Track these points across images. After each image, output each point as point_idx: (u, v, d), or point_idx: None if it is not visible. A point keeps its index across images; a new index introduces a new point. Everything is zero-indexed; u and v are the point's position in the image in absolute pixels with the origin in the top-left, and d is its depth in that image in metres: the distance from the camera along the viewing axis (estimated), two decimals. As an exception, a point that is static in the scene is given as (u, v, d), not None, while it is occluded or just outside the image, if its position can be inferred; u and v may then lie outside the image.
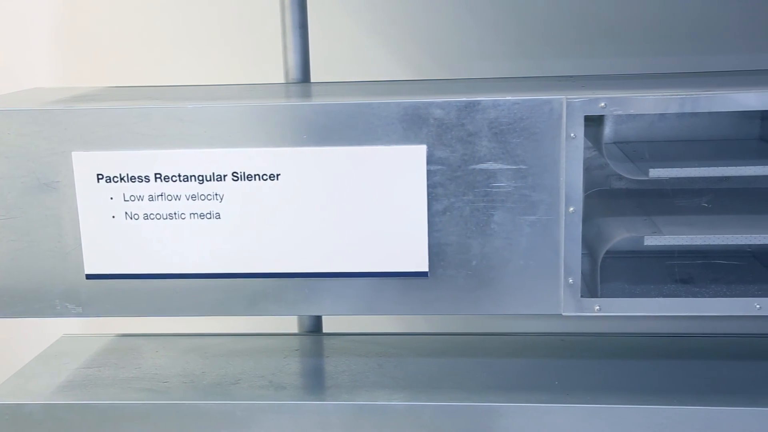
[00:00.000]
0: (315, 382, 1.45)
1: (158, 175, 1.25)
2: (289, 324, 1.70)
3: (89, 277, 1.29)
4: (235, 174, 1.24)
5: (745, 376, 1.37)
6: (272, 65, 1.67)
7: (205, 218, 1.26)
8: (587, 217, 1.33)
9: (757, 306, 1.25)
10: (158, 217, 1.26)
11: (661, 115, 1.50)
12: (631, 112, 1.21)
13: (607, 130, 1.52)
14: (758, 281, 1.36)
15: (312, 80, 1.61)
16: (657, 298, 1.28)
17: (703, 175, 1.25)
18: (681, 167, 1.24)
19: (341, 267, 1.28)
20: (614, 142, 1.52)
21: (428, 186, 1.23)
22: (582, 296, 1.26)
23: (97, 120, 1.25)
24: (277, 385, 1.40)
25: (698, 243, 1.25)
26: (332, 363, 1.50)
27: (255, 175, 1.24)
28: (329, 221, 1.25)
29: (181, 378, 1.44)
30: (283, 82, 1.60)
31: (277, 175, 1.24)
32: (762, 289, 1.31)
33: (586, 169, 1.49)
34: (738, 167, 1.24)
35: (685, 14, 1.72)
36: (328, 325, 1.71)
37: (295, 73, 1.58)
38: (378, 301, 1.29)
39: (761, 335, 1.55)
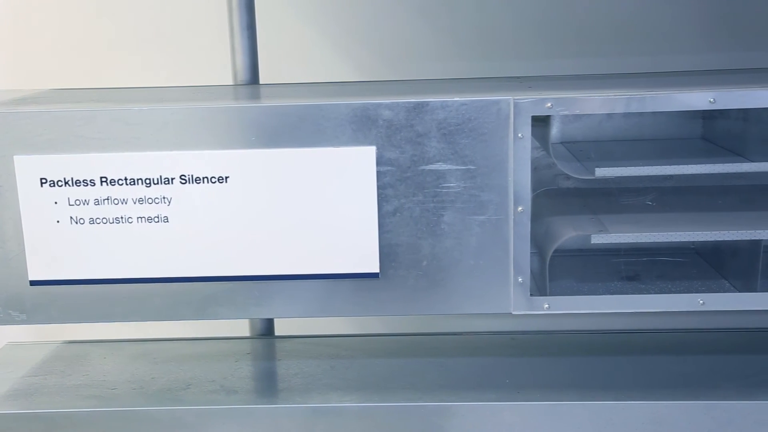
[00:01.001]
0: (267, 385, 1.45)
1: (104, 179, 1.23)
2: (241, 327, 1.68)
3: (33, 283, 1.27)
4: (183, 177, 1.23)
5: (690, 371, 1.40)
6: (220, 67, 1.66)
7: (153, 222, 1.24)
8: (536, 217, 1.35)
9: (701, 301, 1.27)
10: (104, 221, 1.24)
11: (608, 115, 1.53)
12: (577, 112, 1.22)
13: (555, 130, 1.54)
14: (701, 277, 1.39)
15: (260, 82, 1.60)
16: (604, 296, 1.30)
17: (647, 174, 1.28)
18: (626, 166, 1.26)
19: (292, 269, 1.27)
20: (561, 142, 1.54)
21: (378, 187, 1.23)
22: (531, 295, 1.28)
23: (40, 123, 1.22)
24: (228, 390, 1.39)
25: (643, 241, 1.27)
26: (284, 366, 1.49)
27: (203, 178, 1.23)
28: (279, 224, 1.24)
29: (130, 384, 1.42)
30: (231, 83, 1.58)
31: (226, 177, 1.23)
32: (705, 285, 1.34)
33: (535, 169, 1.50)
34: (681, 166, 1.27)
35: (630, 16, 1.75)
36: (280, 327, 1.70)
37: (243, 75, 1.57)
38: (330, 302, 1.29)
39: (705, 330, 1.58)
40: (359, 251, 1.26)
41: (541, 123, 1.34)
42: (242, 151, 1.22)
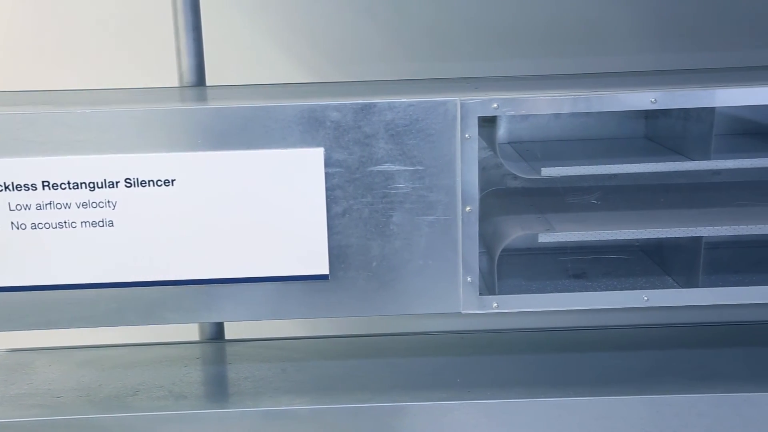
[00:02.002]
0: (217, 389, 1.43)
1: (46, 183, 1.20)
2: (190, 332, 1.67)
3: (-26, 290, 1.24)
4: (128, 180, 1.21)
5: (635, 366, 1.43)
6: (166, 69, 1.64)
7: (98, 226, 1.22)
8: (484, 216, 1.36)
9: (645, 298, 1.30)
10: (47, 226, 1.22)
11: (555, 115, 1.55)
12: (523, 112, 1.24)
13: (502, 131, 1.56)
14: (646, 274, 1.41)
15: (207, 84, 1.58)
16: (552, 294, 1.32)
17: (592, 173, 1.30)
18: (571, 166, 1.28)
19: (241, 272, 1.26)
20: (509, 142, 1.56)
21: (327, 189, 1.23)
22: (480, 294, 1.29)
23: (-21, 126, 1.19)
24: (177, 395, 1.37)
25: (589, 239, 1.29)
26: (235, 370, 1.48)
27: (149, 181, 1.21)
28: (227, 226, 1.23)
29: (76, 392, 1.39)
30: (177, 85, 1.57)
31: (172, 180, 1.21)
32: (649, 282, 1.37)
33: (483, 169, 1.52)
34: (625, 165, 1.29)
35: (576, 17, 1.77)
36: (231, 331, 1.69)
37: (189, 77, 1.55)
38: (280, 305, 1.28)
39: (650, 326, 1.61)
40: (308, 253, 1.25)
41: (488, 123, 1.36)
42: (189, 154, 1.21)
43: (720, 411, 1.32)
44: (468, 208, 1.25)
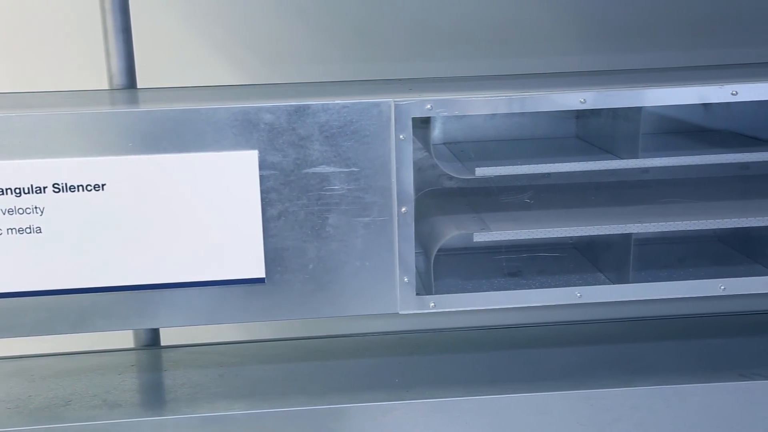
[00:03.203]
0: (153, 397, 1.41)
1: (-30, 189, 1.17)
2: (125, 339, 1.64)
3: None
4: (56, 185, 1.18)
5: (570, 362, 1.45)
6: (95, 71, 1.60)
7: (25, 233, 1.19)
8: (420, 217, 1.37)
9: (578, 294, 1.32)
10: (-28, 233, 1.18)
11: (489, 115, 1.57)
12: (457, 113, 1.25)
13: (437, 132, 1.57)
14: (579, 271, 1.44)
15: (138, 86, 1.56)
16: (488, 292, 1.33)
17: (525, 173, 1.31)
18: (505, 165, 1.30)
19: (176, 278, 1.24)
20: (444, 143, 1.57)
21: (261, 191, 1.22)
22: (418, 294, 1.29)
23: None
24: (111, 404, 1.34)
25: (523, 237, 1.31)
26: (171, 376, 1.46)
27: (78, 186, 1.18)
28: (160, 231, 1.21)
29: (4, 404, 1.35)
30: (107, 88, 1.54)
31: (102, 185, 1.19)
32: (582, 278, 1.40)
33: (418, 170, 1.53)
34: (556, 164, 1.31)
35: (506, 17, 1.80)
36: (167, 337, 1.66)
37: (119, 79, 1.52)
38: (216, 310, 1.27)
39: (584, 322, 1.64)
40: (244, 257, 1.24)
41: (423, 124, 1.37)
42: (119, 158, 1.18)
43: (652, 403, 1.36)
44: (404, 209, 1.26)
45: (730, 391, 1.36)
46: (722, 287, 1.33)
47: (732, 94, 1.25)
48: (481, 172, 1.28)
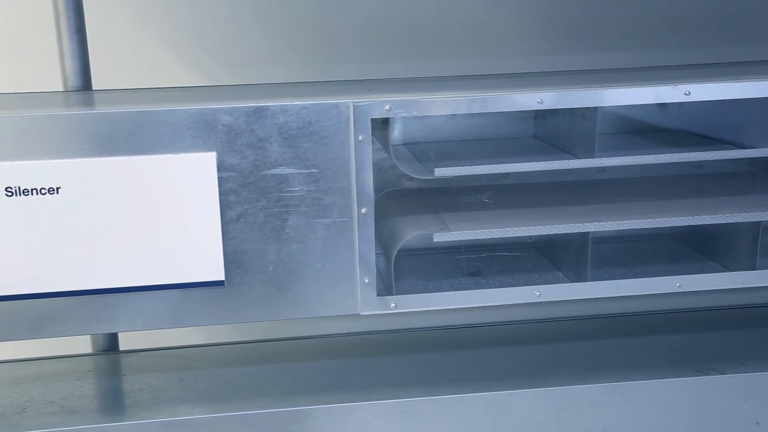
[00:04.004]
0: (111, 403, 1.39)
1: None
2: (83, 344, 1.61)
3: None
4: (8, 189, 1.16)
5: (531, 360, 1.47)
6: (49, 72, 1.58)
7: (-23, 238, 1.16)
8: (381, 218, 1.37)
9: (537, 293, 1.33)
10: None
11: (448, 116, 1.57)
12: (416, 114, 1.25)
13: (396, 132, 1.57)
14: (538, 270, 1.45)
15: (93, 88, 1.54)
16: (448, 292, 1.34)
17: (484, 173, 1.32)
18: (464, 166, 1.30)
19: (134, 281, 1.23)
20: (403, 144, 1.57)
21: (220, 193, 1.21)
22: (378, 295, 1.30)
23: None
24: (68, 410, 1.32)
25: (483, 237, 1.32)
26: (130, 381, 1.44)
27: (32, 190, 1.16)
28: (117, 235, 1.20)
29: (-41, 412, 1.33)
30: (61, 90, 1.51)
31: (57, 188, 1.17)
32: (541, 277, 1.41)
33: (379, 171, 1.53)
34: (514, 164, 1.32)
35: (466, 19, 1.81)
36: (126, 342, 1.64)
37: (74, 81, 1.50)
38: (175, 313, 1.26)
39: (544, 320, 1.66)
40: (203, 259, 1.23)
41: (383, 125, 1.37)
42: (74, 161, 1.17)
43: (610, 399, 1.38)
44: (363, 210, 1.26)
45: (686, 386, 1.39)
46: (678, 284, 1.35)
47: (685, 94, 1.27)
48: (441, 172, 1.28)
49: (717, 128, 1.48)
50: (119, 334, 1.63)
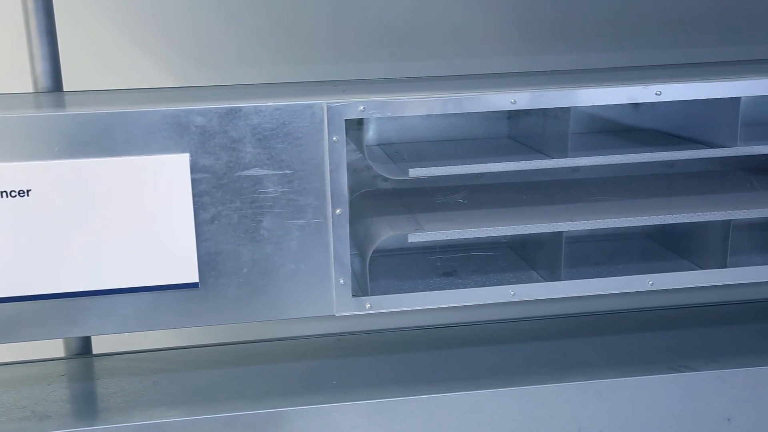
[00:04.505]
0: (84, 407, 1.38)
1: None
2: (56, 348, 1.59)
3: None
4: (-22, 192, 1.14)
5: (505, 359, 1.47)
6: (19, 74, 1.56)
7: (-54, 241, 1.15)
8: (356, 218, 1.37)
9: (512, 293, 1.34)
10: None
11: (423, 116, 1.58)
12: (390, 114, 1.25)
13: (371, 133, 1.57)
14: (513, 269, 1.46)
15: (64, 89, 1.52)
16: (424, 292, 1.34)
17: (458, 173, 1.33)
18: (438, 166, 1.31)
19: (107, 284, 1.22)
20: (378, 144, 1.57)
21: (194, 195, 1.21)
22: (354, 296, 1.30)
23: None
24: (40, 415, 1.31)
25: (457, 237, 1.32)
26: (103, 385, 1.42)
27: (2, 192, 1.15)
28: (89, 237, 1.19)
29: (-72, 419, 1.31)
30: (32, 91, 1.50)
31: (28, 191, 1.16)
32: (516, 277, 1.42)
33: (353, 171, 1.53)
34: (488, 164, 1.32)
35: (439, 19, 1.81)
36: (98, 345, 1.63)
37: (44, 82, 1.49)
38: (149, 316, 1.25)
39: (517, 320, 1.67)
40: (177, 261, 1.23)
41: (357, 126, 1.37)
42: (45, 163, 1.15)
43: (584, 398, 1.38)
44: (338, 211, 1.25)
45: (659, 384, 1.40)
46: (650, 282, 1.36)
47: (656, 94, 1.29)
48: (415, 172, 1.29)
49: (688, 128, 1.50)
50: (92, 338, 1.61)
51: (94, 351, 1.62)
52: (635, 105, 1.60)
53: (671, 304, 1.74)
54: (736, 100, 1.34)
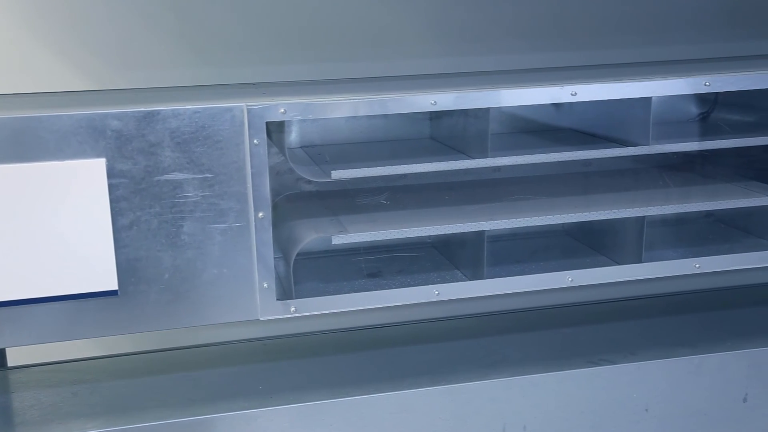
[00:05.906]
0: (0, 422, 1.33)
1: None
2: (-32, 362, 1.54)
3: None
4: None
5: (431, 359, 1.49)
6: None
7: None
8: (280, 221, 1.36)
9: (436, 292, 1.35)
10: None
11: (346, 118, 1.58)
12: (311, 117, 1.25)
13: (293, 135, 1.56)
14: (437, 269, 1.47)
15: (-26, 93, 1.47)
16: (349, 294, 1.34)
17: (381, 174, 1.33)
18: (360, 167, 1.31)
19: (21, 293, 1.18)
20: (300, 147, 1.57)
21: (111, 200, 1.18)
22: (278, 299, 1.29)
23: None
24: (-47, 432, 1.26)
25: (381, 238, 1.32)
26: (19, 398, 1.38)
27: None
28: (3, 245, 1.15)
29: None
30: (-62, 95, 1.44)
31: (-66, 199, 1.11)
32: (440, 276, 1.43)
33: (277, 174, 1.52)
34: (410, 165, 1.33)
35: (361, 20, 1.81)
36: (14, 357, 1.57)
37: (-48, 86, 1.43)
38: (67, 325, 1.22)
39: (442, 319, 1.68)
40: (95, 269, 1.20)
41: (278, 128, 1.36)
42: (-48, 169, 1.11)
43: (509, 394, 1.41)
44: (261, 214, 1.24)
45: (580, 378, 1.43)
46: (570, 279, 1.39)
47: (572, 94, 1.32)
48: (337, 174, 1.29)
49: (604, 127, 1.53)
50: (7, 350, 1.56)
51: (9, 364, 1.57)
52: (554, 105, 1.63)
53: (590, 299, 1.79)
54: (647, 100, 1.38)
